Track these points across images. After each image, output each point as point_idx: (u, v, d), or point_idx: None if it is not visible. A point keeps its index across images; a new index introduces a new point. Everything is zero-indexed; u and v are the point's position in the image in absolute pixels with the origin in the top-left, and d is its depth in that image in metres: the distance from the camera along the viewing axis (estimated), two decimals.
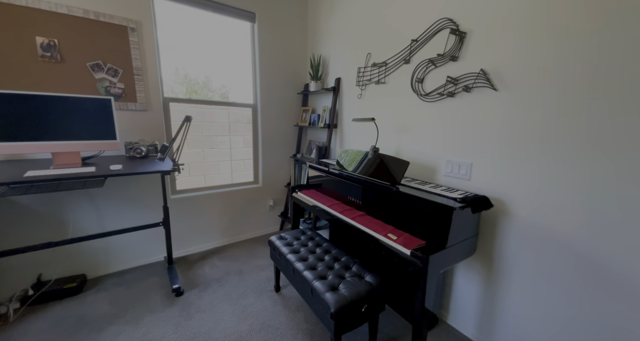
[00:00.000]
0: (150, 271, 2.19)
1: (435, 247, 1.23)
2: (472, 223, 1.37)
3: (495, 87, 1.38)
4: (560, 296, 1.23)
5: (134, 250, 2.26)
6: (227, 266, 2.31)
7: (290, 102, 2.88)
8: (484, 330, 1.54)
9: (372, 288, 1.37)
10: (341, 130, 2.48)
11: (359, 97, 2.24)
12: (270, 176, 2.91)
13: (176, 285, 1.92)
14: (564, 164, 1.18)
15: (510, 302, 1.41)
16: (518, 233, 1.35)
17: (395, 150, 1.96)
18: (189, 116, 1.69)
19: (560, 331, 1.24)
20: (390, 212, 1.52)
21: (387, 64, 1.96)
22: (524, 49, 1.26)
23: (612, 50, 1.03)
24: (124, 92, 2.02)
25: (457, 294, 1.66)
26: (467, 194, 1.42)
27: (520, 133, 1.31)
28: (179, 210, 2.42)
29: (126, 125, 2.07)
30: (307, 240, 1.87)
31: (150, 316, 1.70)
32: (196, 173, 2.59)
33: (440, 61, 1.61)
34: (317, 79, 2.59)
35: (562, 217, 1.20)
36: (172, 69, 2.34)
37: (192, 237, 2.53)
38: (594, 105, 1.09)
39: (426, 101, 1.72)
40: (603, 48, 1.05)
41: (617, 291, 1.08)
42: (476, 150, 1.49)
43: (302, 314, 1.76)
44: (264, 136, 2.78)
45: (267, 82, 2.69)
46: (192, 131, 2.50)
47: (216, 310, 1.77)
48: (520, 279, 1.36)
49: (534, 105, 1.25)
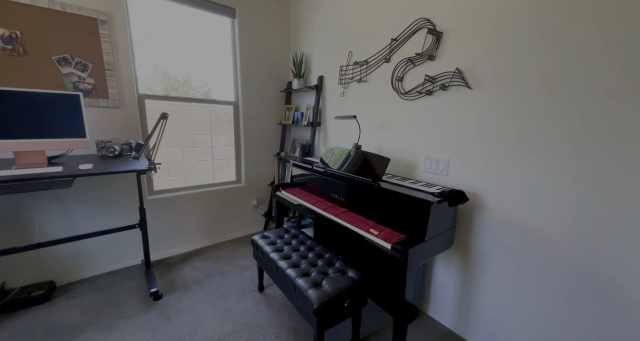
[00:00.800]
0: (126, 276, 2.10)
1: (415, 240, 1.26)
2: (449, 216, 1.41)
3: (469, 86, 1.44)
4: (530, 284, 1.30)
5: (108, 254, 2.16)
6: (208, 268, 2.25)
7: (273, 100, 2.85)
8: (462, 320, 1.60)
9: (355, 283, 1.38)
10: (325, 128, 2.49)
11: (342, 95, 2.25)
12: (253, 175, 2.86)
13: (154, 288, 1.85)
14: (534, 159, 1.25)
15: (485, 291, 1.47)
16: (492, 225, 1.41)
17: (377, 147, 1.99)
18: (165, 113, 1.63)
19: (531, 318, 1.31)
20: (372, 208, 1.54)
21: (368, 63, 1.98)
22: (495, 49, 1.32)
23: (573, 58, 1.10)
24: (94, 87, 1.92)
25: (437, 286, 1.72)
26: (444, 189, 1.47)
27: (493, 130, 1.37)
28: (156, 211, 2.33)
29: (98, 123, 1.97)
30: (291, 238, 1.86)
31: (125, 322, 1.62)
32: (175, 173, 2.51)
33: (418, 60, 1.65)
34: (300, 77, 2.58)
35: (532, 208, 1.27)
36: (149, 66, 2.25)
37: (171, 238, 2.45)
38: (561, 104, 1.15)
39: (406, 99, 1.76)
40: (564, 53, 1.12)
41: (586, 278, 1.15)
42: (453, 147, 1.55)
43: (286, 312, 1.75)
44: (247, 134, 2.74)
45: (249, 79, 2.64)
46: (172, 130, 2.42)
47: (197, 313, 1.73)
48: (495, 269, 1.42)
49: (505, 103, 1.31)
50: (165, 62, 2.33)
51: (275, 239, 1.86)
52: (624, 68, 0.99)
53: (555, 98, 1.16)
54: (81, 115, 1.65)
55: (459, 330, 1.61)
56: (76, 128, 1.65)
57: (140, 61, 2.17)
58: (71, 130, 1.64)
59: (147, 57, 2.21)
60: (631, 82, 0.98)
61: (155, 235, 2.35)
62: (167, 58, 2.32)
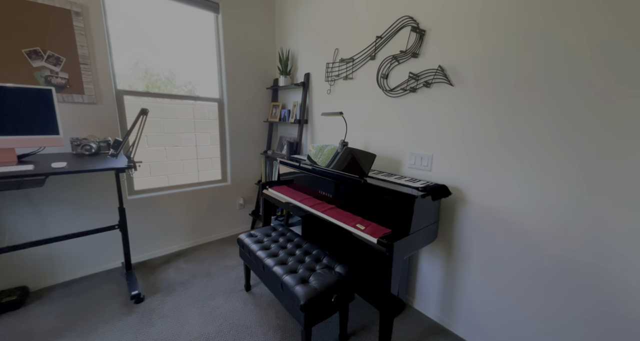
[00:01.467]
0: (105, 279, 2.01)
1: (400, 234, 1.28)
2: (433, 210, 1.44)
3: (451, 83, 1.47)
4: (509, 275, 1.35)
5: (86, 257, 2.06)
6: (193, 269, 2.20)
7: (259, 97, 2.81)
8: (446, 311, 1.64)
9: (342, 278, 1.39)
10: (312, 126, 2.48)
11: (329, 93, 2.25)
12: (239, 174, 2.82)
13: (135, 291, 1.79)
14: (514, 154, 1.29)
15: (467, 283, 1.52)
16: (473, 218, 1.46)
17: (364, 144, 2.01)
18: (145, 109, 1.57)
19: (509, 307, 1.36)
20: (359, 204, 1.55)
21: (354, 60, 1.99)
22: (476, 47, 1.36)
23: (551, 57, 1.15)
24: (68, 82, 1.83)
25: (422, 279, 1.75)
26: (428, 184, 1.50)
27: (475, 126, 1.41)
28: (138, 212, 2.25)
29: (72, 120, 1.87)
30: (278, 236, 1.85)
31: (105, 327, 1.56)
32: (158, 173, 2.43)
33: (403, 57, 1.68)
34: (286, 74, 2.56)
35: (511, 202, 1.32)
36: (130, 62, 2.17)
37: (153, 240, 2.37)
38: (540, 102, 1.20)
39: (391, 96, 1.78)
40: (544, 53, 1.16)
41: (562, 269, 1.20)
42: (436, 143, 1.58)
43: (273, 311, 1.73)
44: (232, 132, 2.69)
45: (234, 76, 2.60)
46: (153, 128, 2.34)
47: (181, 314, 1.68)
48: (476, 261, 1.47)
49: (485, 100, 1.35)
50: (147, 59, 2.25)
51: (262, 237, 1.84)
52: (598, 69, 1.05)
53: (533, 96, 1.21)
54: (54, 111, 1.57)
55: (444, 322, 1.65)
56: (48, 124, 1.57)
57: (120, 57, 2.08)
58: (43, 127, 1.56)
59: (127, 53, 2.13)
60: (603, 81, 1.04)
61: (136, 237, 2.27)
62: (149, 54, 2.24)
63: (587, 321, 1.14)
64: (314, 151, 1.93)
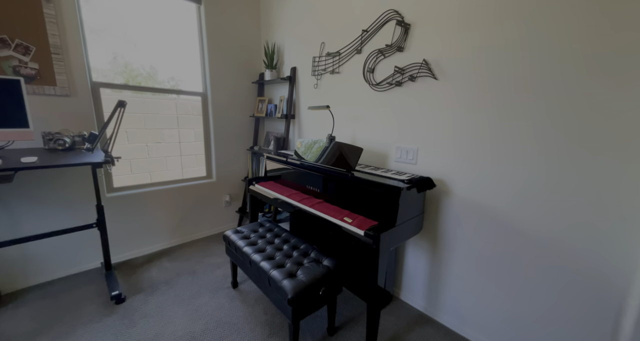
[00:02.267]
0: (83, 280, 1.93)
1: (386, 226, 1.29)
2: (418, 202, 1.47)
3: (435, 76, 1.49)
4: (490, 264, 1.39)
5: (62, 257, 1.97)
6: (177, 268, 2.14)
7: (244, 92, 2.75)
8: (431, 302, 1.67)
9: (330, 272, 1.39)
10: (299, 121, 2.46)
11: (316, 87, 2.24)
12: (225, 170, 2.76)
13: (115, 291, 1.72)
14: (494, 147, 1.33)
15: (451, 273, 1.56)
16: (457, 210, 1.49)
17: (351, 138, 2.01)
18: (123, 101, 1.50)
19: (490, 293, 1.41)
20: (346, 198, 1.55)
21: (340, 54, 1.98)
22: (459, 41, 1.38)
23: (532, 54, 1.18)
24: (38, 73, 1.72)
25: (408, 271, 1.78)
26: (413, 176, 1.51)
27: (458, 119, 1.43)
28: (118, 210, 2.16)
29: (44, 112, 1.77)
30: (266, 232, 1.83)
31: (83, 329, 1.49)
32: (140, 170, 2.34)
33: (388, 51, 1.68)
34: (272, 68, 2.52)
35: (492, 193, 1.35)
36: (107, 56, 2.07)
37: (135, 238, 2.29)
38: (521, 96, 1.23)
39: (377, 90, 1.78)
40: (525, 49, 1.19)
41: (540, 257, 1.25)
42: (421, 136, 1.60)
43: (260, 307, 1.71)
44: (217, 127, 2.63)
45: (218, 69, 2.53)
46: (134, 123, 2.25)
47: (165, 314, 1.63)
48: (459, 251, 1.51)
49: (468, 94, 1.38)
50: (127, 53, 2.15)
51: (248, 233, 1.81)
52: (579, 67, 1.08)
53: (516, 91, 1.24)
54: (22, 102, 1.48)
55: (429, 312, 1.69)
56: (17, 117, 1.47)
57: (97, 50, 1.98)
58: (11, 120, 1.46)
59: (104, 46, 2.03)
60: (584, 80, 1.08)
61: (116, 236, 2.18)
62: (128, 48, 2.14)
63: (569, 305, 1.19)
64: (303, 149, 1.91)
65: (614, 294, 1.07)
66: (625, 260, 1.03)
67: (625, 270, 1.03)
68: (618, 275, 1.05)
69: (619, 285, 1.05)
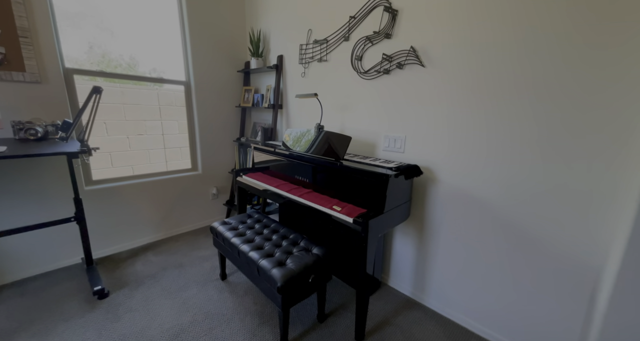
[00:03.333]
0: (63, 276, 1.85)
1: (375, 213, 1.30)
2: (405, 189, 1.48)
3: (423, 64, 1.49)
4: (473, 247, 1.43)
5: (40, 253, 1.88)
6: (163, 261, 2.09)
7: (229, 81, 2.67)
8: (418, 286, 1.71)
9: (319, 259, 1.39)
10: (287, 111, 2.42)
11: (303, 76, 2.20)
12: (211, 162, 2.69)
13: (98, 286, 1.66)
14: (479, 134, 1.35)
15: (437, 258, 1.59)
16: (443, 197, 1.52)
17: (340, 128, 1.99)
18: (98, 87, 1.42)
19: (476, 279, 1.45)
20: (335, 187, 1.54)
21: (328, 41, 1.95)
22: (446, 27, 1.38)
23: (519, 42, 1.19)
24: (4, 57, 1.60)
25: (396, 258, 1.81)
26: (401, 164, 1.52)
27: (443, 107, 1.45)
28: (98, 203, 2.07)
29: (12, 100, 1.65)
30: (254, 223, 1.80)
31: (64, 325, 1.44)
32: (121, 163, 2.25)
33: (376, 38, 1.66)
34: (258, 56, 2.45)
35: (476, 179, 1.38)
36: (83, 46, 1.94)
37: (118, 233, 2.21)
38: (506, 84, 1.25)
39: (365, 78, 1.77)
40: (513, 36, 1.21)
41: (522, 240, 1.29)
42: (409, 125, 1.61)
43: (250, 297, 1.71)
44: (202, 118, 2.55)
45: (201, 56, 2.44)
46: (113, 114, 2.15)
47: (151, 307, 1.60)
48: (445, 237, 1.54)
49: (454, 81, 1.39)
50: (104, 42, 2.03)
51: (236, 224, 1.78)
52: (568, 61, 1.10)
53: (500, 79, 1.25)
54: None
55: (416, 296, 1.73)
56: None
57: (71, 38, 1.86)
58: None
59: (79, 34, 1.90)
60: (571, 75, 1.10)
61: (98, 230, 2.10)
62: (106, 37, 2.02)
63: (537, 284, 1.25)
64: (291, 142, 1.88)
65: (590, 272, 1.12)
66: (601, 241, 1.08)
67: (601, 250, 1.09)
68: (594, 253, 1.10)
69: (594, 263, 1.11)
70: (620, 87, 0.99)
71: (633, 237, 0.87)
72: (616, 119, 1.00)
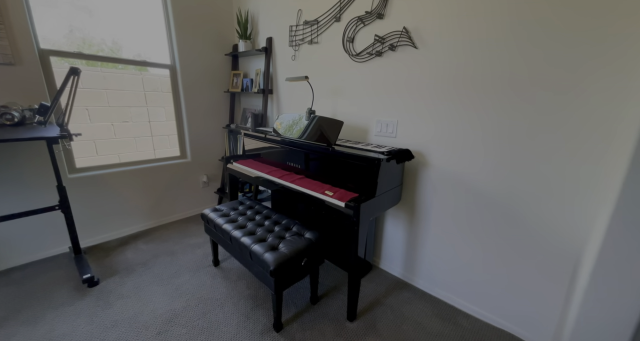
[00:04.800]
0: (50, 266, 1.82)
1: (366, 197, 1.30)
2: (397, 174, 1.49)
3: (415, 45, 1.46)
4: (460, 229, 1.47)
5: (25, 242, 1.83)
6: (155, 249, 2.07)
7: (217, 65, 2.58)
8: (409, 268, 1.76)
9: (312, 243, 1.40)
10: (277, 96, 2.36)
11: (293, 59, 2.13)
12: (200, 149, 2.63)
13: (87, 274, 1.64)
14: (469, 117, 1.35)
15: (427, 240, 1.63)
16: (433, 180, 1.53)
17: (332, 113, 1.97)
18: (76, 68, 1.34)
19: (463, 259, 1.50)
20: (327, 173, 1.54)
21: (318, 22, 1.88)
22: (438, 7, 1.34)
23: (512, 26, 1.17)
24: None
25: (387, 241, 1.85)
26: (392, 148, 1.52)
27: (436, 90, 1.43)
28: (84, 192, 2.01)
29: None
30: (246, 209, 1.79)
31: (54, 313, 1.42)
32: (106, 151, 2.17)
33: (368, 19, 1.61)
34: (246, 38, 2.36)
35: (465, 163, 1.39)
36: (63, 29, 1.82)
37: (106, 221, 2.17)
38: (499, 67, 1.24)
39: (357, 61, 1.73)
40: (504, 20, 1.18)
41: (508, 219, 1.32)
42: (401, 109, 1.59)
43: (244, 282, 1.72)
44: (189, 103, 2.46)
45: (186, 39, 2.33)
46: (95, 100, 2.05)
47: (143, 294, 1.59)
48: (435, 219, 1.57)
49: (447, 64, 1.37)
50: (85, 25, 1.90)
51: (228, 211, 1.76)
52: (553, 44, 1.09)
53: (491, 62, 1.24)
54: None
55: (407, 277, 1.78)
56: None
57: (50, 19, 1.74)
58: None
59: (58, 16, 1.78)
60: (541, 74, 1.09)
61: (85, 219, 2.05)
62: (86, 19, 1.90)
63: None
64: (283, 128, 1.84)
65: (573, 250, 1.17)
66: (583, 220, 1.12)
67: (582, 229, 1.12)
68: (576, 233, 1.14)
69: (577, 241, 1.15)
70: (599, 84, 0.99)
71: (615, 215, 0.89)
72: (585, 104, 1.02)
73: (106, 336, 1.30)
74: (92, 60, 1.98)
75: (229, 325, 1.39)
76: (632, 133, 0.86)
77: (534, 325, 1.31)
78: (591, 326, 0.99)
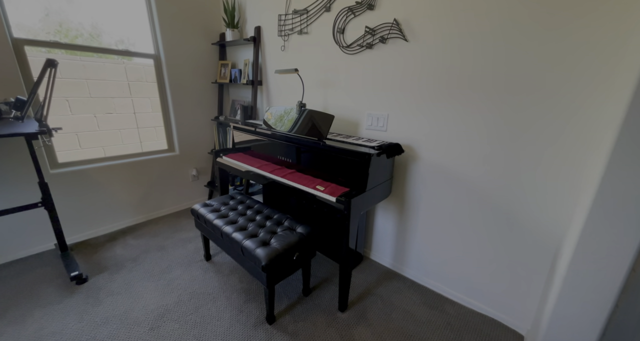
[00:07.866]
0: (36, 263, 1.78)
1: (357, 191, 1.31)
2: (387, 168, 1.50)
3: (406, 38, 1.44)
4: (449, 220, 1.51)
5: (8, 240, 1.77)
6: (144, 244, 2.05)
7: (204, 55, 2.49)
8: (398, 258, 1.81)
9: (303, 238, 1.41)
10: (267, 87, 2.31)
11: (283, 49, 2.08)
12: (189, 142, 2.58)
13: (75, 272, 1.61)
14: (458, 111, 1.36)
15: (416, 231, 1.67)
16: (423, 173, 1.55)
17: (323, 105, 1.94)
18: (52, 59, 1.27)
19: (451, 249, 1.54)
20: (318, 167, 1.53)
21: (308, 12, 1.83)
22: None
23: (503, 20, 1.16)
24: None
25: (378, 233, 1.88)
26: (383, 143, 1.53)
27: (426, 83, 1.43)
28: (67, 187, 1.95)
29: None
30: (237, 204, 1.78)
31: (41, 311, 1.40)
32: (90, 144, 2.09)
33: (359, 9, 1.58)
34: (233, 27, 2.28)
35: (454, 155, 1.42)
36: (38, 12, 1.70)
37: (93, 217, 2.12)
38: (489, 60, 1.24)
39: (348, 53, 1.70)
40: (497, 15, 1.18)
41: (494, 212, 1.36)
42: (392, 102, 1.59)
43: (236, 276, 1.73)
44: (175, 95, 2.39)
45: (170, 27, 2.23)
46: (76, 91, 1.96)
47: (133, 290, 1.58)
48: (424, 211, 1.60)
49: (437, 56, 1.36)
50: (62, 8, 1.78)
51: (219, 206, 1.75)
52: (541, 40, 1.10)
53: (482, 54, 1.24)
54: None
55: (396, 268, 1.83)
56: None
57: (23, 2, 1.62)
58: None
59: None
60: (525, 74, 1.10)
61: (70, 215, 2.00)
62: (64, 3, 1.77)
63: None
64: (273, 120, 1.81)
65: (553, 240, 1.22)
66: (564, 212, 1.16)
67: (562, 220, 1.17)
68: (557, 224, 1.19)
69: (557, 232, 1.20)
70: (578, 80, 1.01)
71: (594, 206, 0.93)
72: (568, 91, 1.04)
73: (97, 334, 1.30)
74: (70, 49, 1.88)
75: (221, 319, 1.40)
76: (610, 134, 0.89)
77: (516, 310, 1.38)
78: (568, 310, 1.05)
